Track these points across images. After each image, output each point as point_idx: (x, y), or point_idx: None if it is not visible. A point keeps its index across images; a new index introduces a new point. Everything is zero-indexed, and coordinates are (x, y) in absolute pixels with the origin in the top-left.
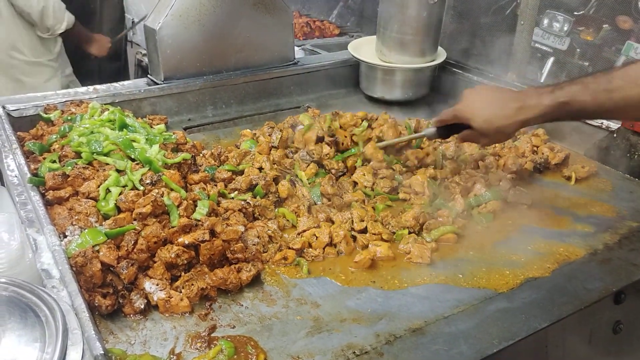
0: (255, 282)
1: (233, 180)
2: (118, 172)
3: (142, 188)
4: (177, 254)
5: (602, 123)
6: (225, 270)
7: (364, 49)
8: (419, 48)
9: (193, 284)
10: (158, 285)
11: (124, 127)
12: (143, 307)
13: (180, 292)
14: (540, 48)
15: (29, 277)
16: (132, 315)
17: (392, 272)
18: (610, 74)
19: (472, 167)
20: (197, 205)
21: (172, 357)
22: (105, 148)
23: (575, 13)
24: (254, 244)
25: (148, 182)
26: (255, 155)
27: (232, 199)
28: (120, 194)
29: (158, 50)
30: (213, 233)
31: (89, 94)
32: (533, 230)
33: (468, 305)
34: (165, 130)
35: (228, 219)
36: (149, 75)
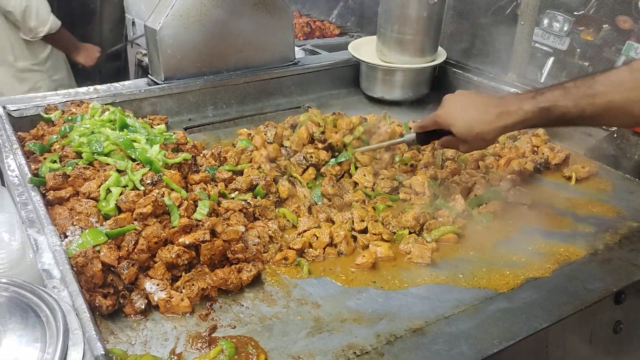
0: (256, 282)
1: (233, 181)
2: (119, 172)
3: (142, 188)
4: (177, 254)
5: None
6: (226, 271)
7: (364, 49)
8: (419, 48)
9: (194, 284)
10: (159, 286)
11: (125, 127)
12: (144, 307)
13: (181, 292)
14: (540, 48)
15: (30, 277)
16: (132, 316)
17: (392, 272)
18: (593, 79)
19: (472, 167)
20: (197, 206)
21: (172, 357)
22: (106, 148)
23: (575, 13)
24: (255, 244)
25: (149, 182)
26: (253, 154)
27: (232, 199)
28: (121, 194)
29: (158, 51)
30: (214, 233)
31: (90, 94)
32: (533, 231)
33: (468, 306)
34: (166, 131)
35: (228, 219)
36: (150, 76)
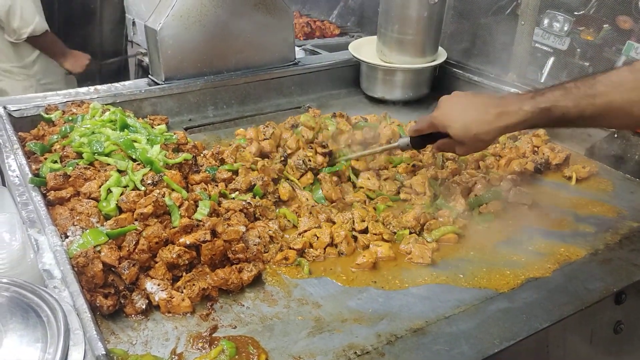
0: (257, 282)
1: (233, 181)
2: (119, 172)
3: (143, 188)
4: (178, 254)
5: None
6: (227, 271)
7: (365, 49)
8: (420, 48)
9: (194, 284)
10: (159, 286)
11: (125, 127)
12: (144, 307)
13: (182, 292)
14: (541, 48)
15: (31, 277)
16: (133, 316)
17: (393, 272)
18: (593, 79)
19: (472, 167)
20: (198, 206)
21: (173, 357)
22: (107, 148)
23: (576, 13)
24: (255, 244)
25: (149, 182)
26: (245, 150)
27: (233, 199)
28: (122, 195)
29: (159, 51)
30: (214, 233)
31: (90, 94)
32: (534, 231)
33: (469, 306)
34: (167, 131)
35: (229, 219)
36: (150, 76)
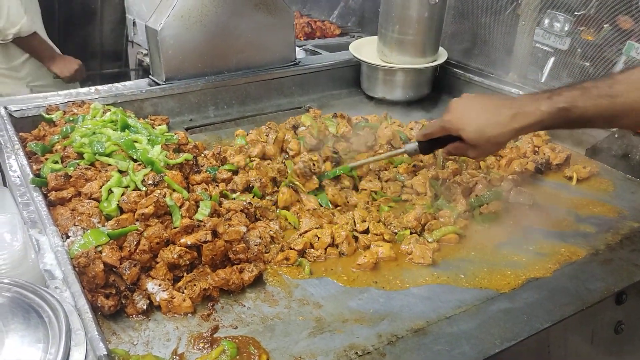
0: (258, 282)
1: (231, 181)
2: (120, 172)
3: (144, 189)
4: (179, 255)
5: None
6: (228, 271)
7: (365, 50)
8: (420, 48)
9: (195, 285)
10: (160, 286)
11: (126, 127)
12: (145, 307)
13: (183, 292)
14: (541, 48)
15: (32, 277)
16: (134, 316)
17: (394, 272)
18: (612, 79)
19: (473, 167)
20: (199, 206)
21: (174, 357)
22: (108, 149)
23: (576, 13)
24: (256, 245)
25: (150, 182)
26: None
27: (233, 200)
28: (123, 195)
29: (160, 51)
30: (215, 234)
31: (91, 95)
32: (534, 231)
33: (470, 306)
34: (167, 131)
35: (230, 220)
36: (151, 76)
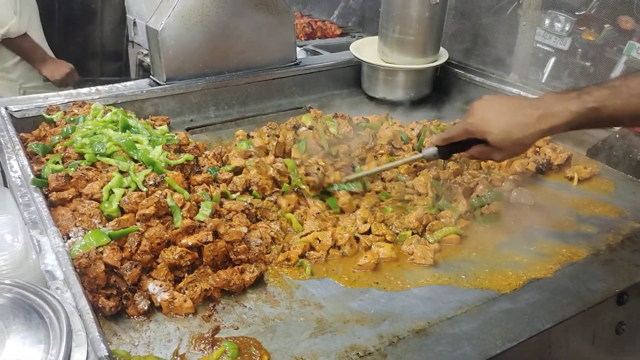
0: (259, 283)
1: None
2: (121, 173)
3: (145, 189)
4: (180, 255)
5: None
6: (229, 272)
7: (366, 50)
8: (421, 48)
9: (196, 285)
10: (161, 287)
11: (127, 128)
12: (147, 308)
13: (184, 293)
14: (542, 48)
15: (33, 278)
16: (135, 317)
17: (395, 273)
18: None
19: (474, 168)
20: (200, 207)
21: (175, 358)
22: (108, 149)
23: (577, 13)
24: (257, 245)
25: (151, 183)
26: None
27: (234, 200)
28: (124, 196)
29: (160, 51)
30: (216, 234)
31: (91, 95)
32: (535, 231)
33: (471, 307)
34: (168, 131)
35: (231, 220)
36: (151, 76)
